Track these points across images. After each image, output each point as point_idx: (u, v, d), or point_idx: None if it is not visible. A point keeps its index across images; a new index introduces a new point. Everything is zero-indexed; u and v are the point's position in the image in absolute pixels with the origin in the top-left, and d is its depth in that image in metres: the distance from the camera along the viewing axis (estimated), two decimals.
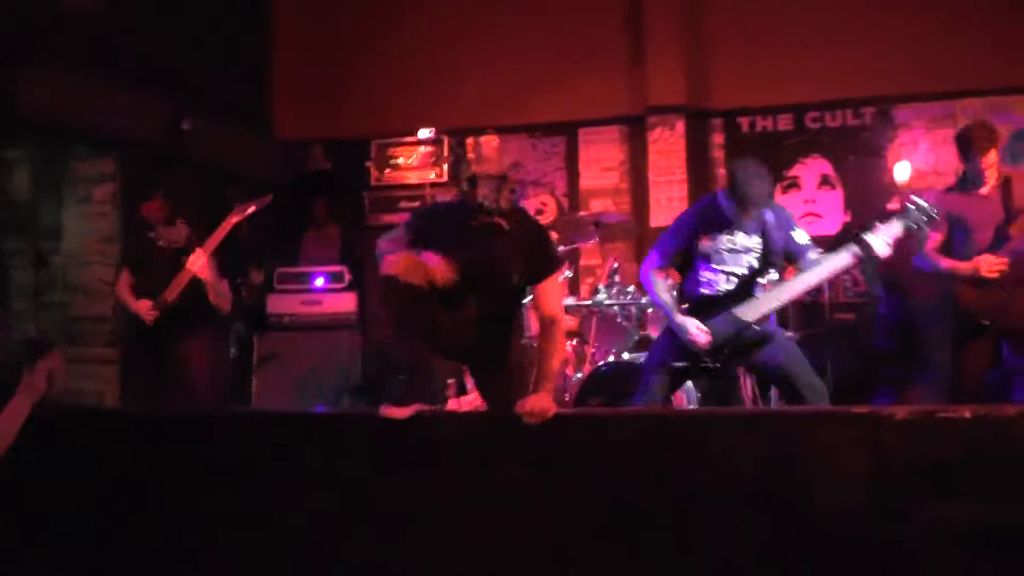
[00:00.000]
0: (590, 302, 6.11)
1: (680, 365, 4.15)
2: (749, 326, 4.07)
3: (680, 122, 7.42)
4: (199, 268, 4.99)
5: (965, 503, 2.89)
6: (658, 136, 7.45)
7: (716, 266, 4.16)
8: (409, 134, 7.48)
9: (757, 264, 4.15)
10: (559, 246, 6.43)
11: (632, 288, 5.90)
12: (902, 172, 7.12)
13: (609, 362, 5.73)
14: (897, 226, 3.88)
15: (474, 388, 4.30)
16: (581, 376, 5.88)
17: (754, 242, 4.14)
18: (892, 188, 7.15)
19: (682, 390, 5.40)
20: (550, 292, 3.60)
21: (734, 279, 4.15)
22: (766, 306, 4.08)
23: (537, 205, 7.99)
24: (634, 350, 5.80)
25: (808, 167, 7.46)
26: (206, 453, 3.66)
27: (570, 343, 6.42)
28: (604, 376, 5.62)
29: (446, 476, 3.35)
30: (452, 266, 3.51)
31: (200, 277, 5.01)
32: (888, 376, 6.08)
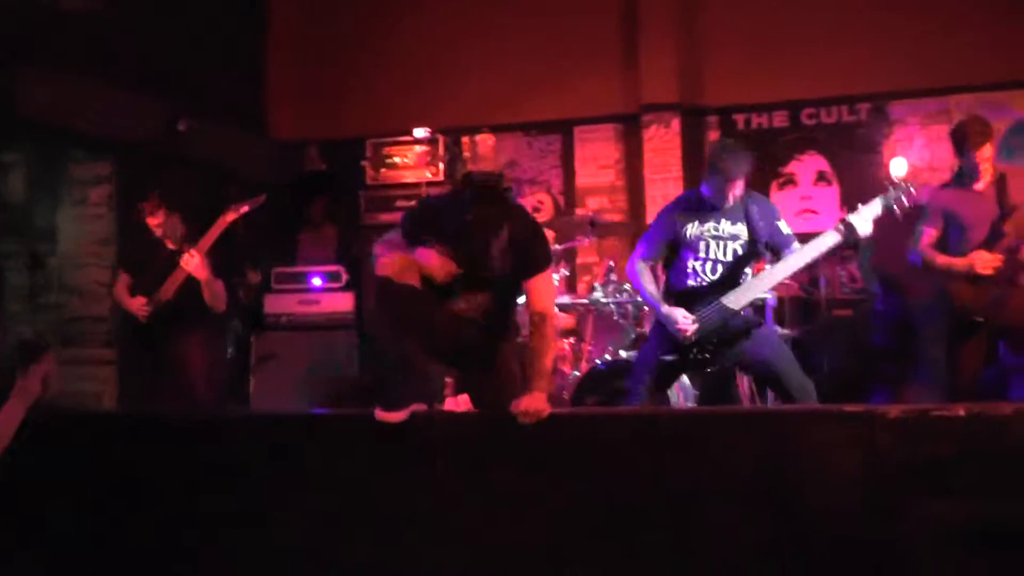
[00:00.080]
0: (587, 300, 6.12)
1: (670, 359, 4.16)
2: (737, 314, 4.09)
3: (675, 119, 7.41)
4: (193, 267, 5.00)
5: (959, 501, 2.90)
6: (653, 134, 7.44)
7: (701, 255, 4.19)
8: (405, 133, 7.48)
9: (742, 251, 4.18)
10: (555, 245, 6.45)
11: (628, 286, 5.91)
12: (898, 168, 7.12)
13: (606, 360, 5.75)
14: (877, 205, 4.04)
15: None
16: (578, 374, 5.89)
17: (739, 229, 4.17)
18: (888, 184, 7.14)
19: (679, 388, 5.42)
20: (541, 288, 3.57)
21: (720, 267, 4.18)
22: (753, 292, 4.13)
23: (533, 203, 7.98)
24: (631, 348, 5.81)
25: (804, 164, 7.46)
26: (204, 454, 3.66)
27: (567, 341, 6.43)
28: (601, 374, 5.64)
29: (442, 477, 3.36)
30: (450, 260, 3.51)
31: (195, 276, 5.02)
32: (885, 374, 6.08)
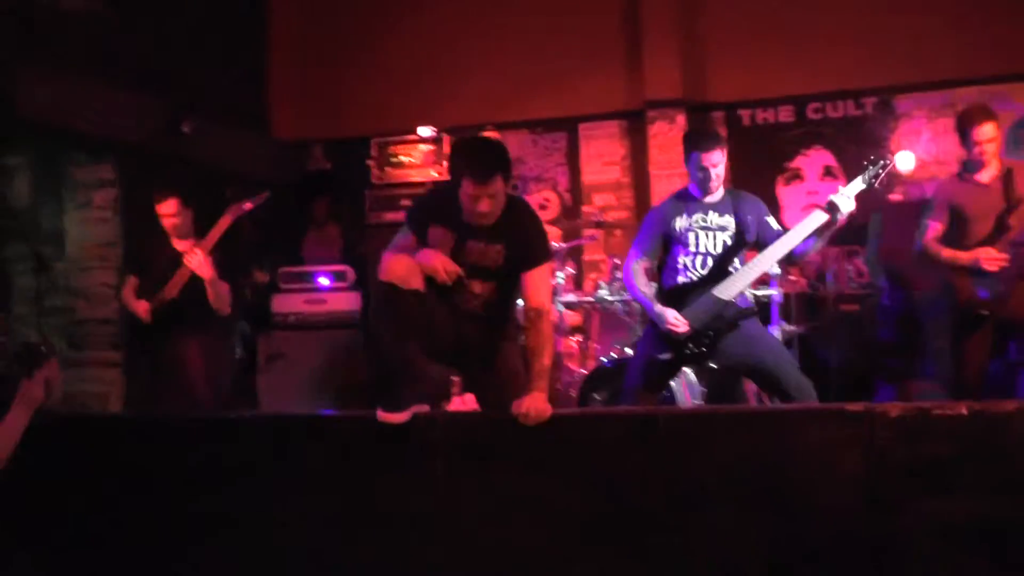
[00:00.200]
0: (592, 298, 6.11)
1: (665, 357, 4.17)
2: (729, 304, 4.11)
3: (680, 116, 7.40)
4: (197, 265, 5.01)
5: (960, 500, 2.89)
6: (658, 130, 7.42)
7: (691, 248, 4.22)
8: (409, 132, 7.48)
9: (731, 242, 4.22)
10: (561, 243, 6.45)
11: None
12: (905, 162, 7.08)
13: (612, 358, 5.75)
14: (858, 182, 4.10)
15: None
16: (585, 372, 5.89)
17: (726, 221, 4.24)
18: (894, 178, 7.12)
19: (685, 385, 5.42)
20: (538, 282, 3.55)
21: (710, 260, 4.21)
22: (743, 281, 4.15)
23: (540, 201, 7.99)
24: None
25: (810, 158, 7.44)
26: (205, 456, 3.65)
27: (574, 339, 6.44)
28: (607, 371, 5.65)
29: (443, 478, 3.35)
30: (453, 258, 3.51)
31: (199, 274, 5.03)
32: (890, 369, 6.06)
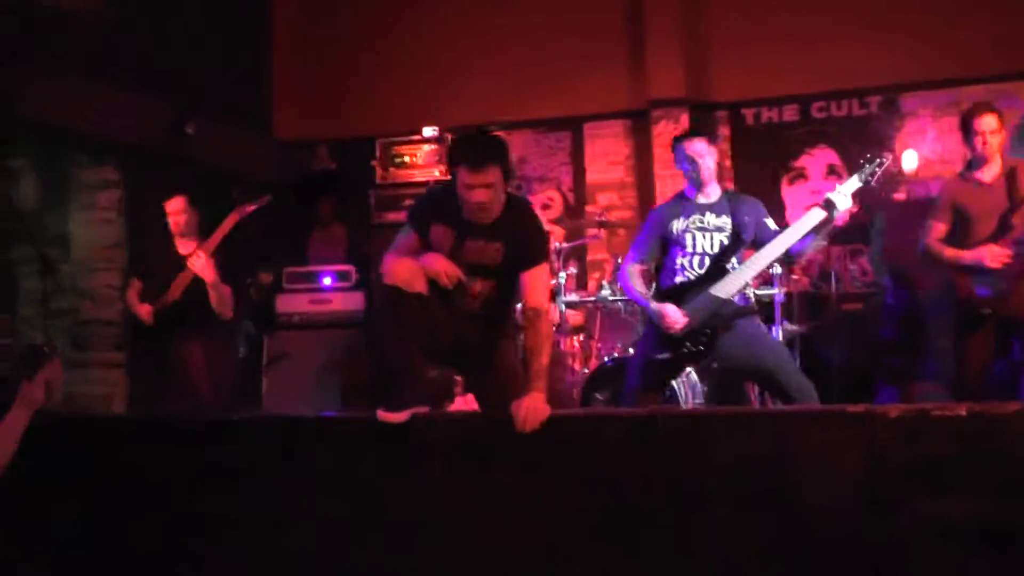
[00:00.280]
0: (594, 298, 6.11)
1: (664, 356, 4.16)
2: (727, 302, 4.10)
3: (684, 115, 7.39)
4: (200, 268, 5.03)
5: (960, 501, 2.87)
6: (662, 129, 7.41)
7: (688, 248, 4.22)
8: (413, 132, 7.49)
9: (728, 242, 4.22)
10: (564, 243, 6.45)
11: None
12: (909, 161, 7.08)
13: (614, 357, 5.75)
14: (854, 180, 4.12)
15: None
16: (587, 371, 5.89)
17: (723, 221, 4.24)
18: (899, 177, 7.11)
19: (687, 385, 5.41)
20: (536, 282, 3.54)
21: (707, 260, 4.21)
22: (741, 279, 4.15)
23: (543, 200, 7.99)
24: None
25: (815, 158, 7.42)
26: (210, 458, 3.66)
27: (576, 339, 6.43)
28: (609, 371, 5.65)
29: (441, 478, 3.35)
30: (452, 256, 3.51)
31: (201, 277, 5.05)
32: (893, 369, 6.05)
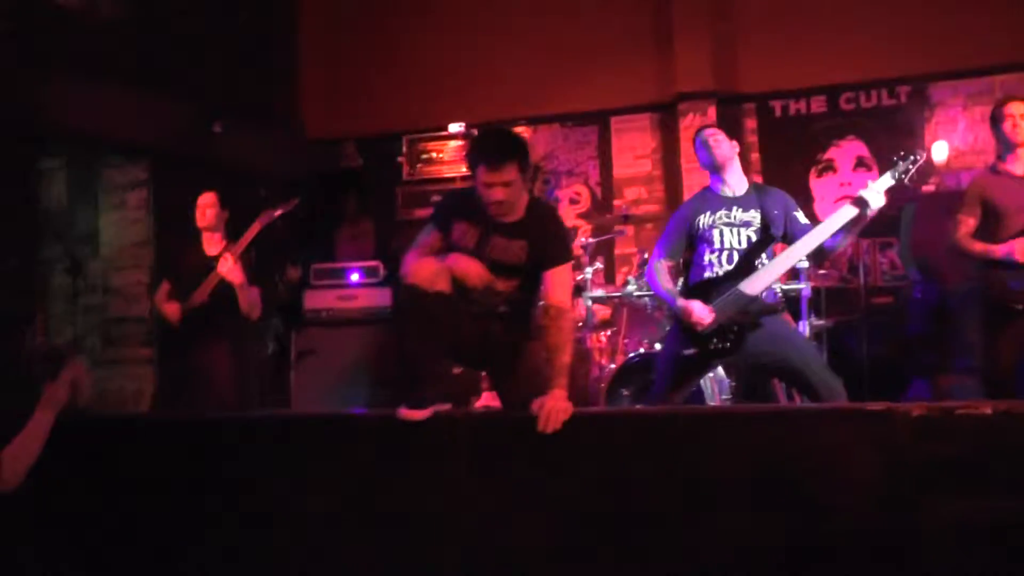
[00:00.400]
0: (620, 294, 6.09)
1: (690, 353, 4.10)
2: (755, 300, 4.03)
3: (711, 108, 7.33)
4: (227, 271, 5.07)
5: (983, 500, 2.83)
6: (690, 123, 7.35)
7: (716, 245, 4.15)
8: (440, 129, 7.51)
9: (756, 237, 4.15)
10: (591, 238, 6.44)
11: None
12: (940, 152, 6.97)
13: (640, 353, 5.72)
14: (887, 178, 4.01)
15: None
16: (614, 367, 5.88)
17: (751, 216, 4.16)
18: (930, 168, 7.01)
19: (714, 380, 5.38)
20: (559, 280, 3.53)
21: (735, 255, 4.13)
22: (769, 277, 4.07)
23: (571, 195, 7.98)
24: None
25: (843, 149, 7.33)
26: (213, 456, 3.65)
27: (604, 334, 6.42)
28: (634, 367, 5.64)
29: (464, 476, 3.34)
30: (476, 252, 3.52)
31: (229, 280, 5.09)
32: (922, 363, 5.98)
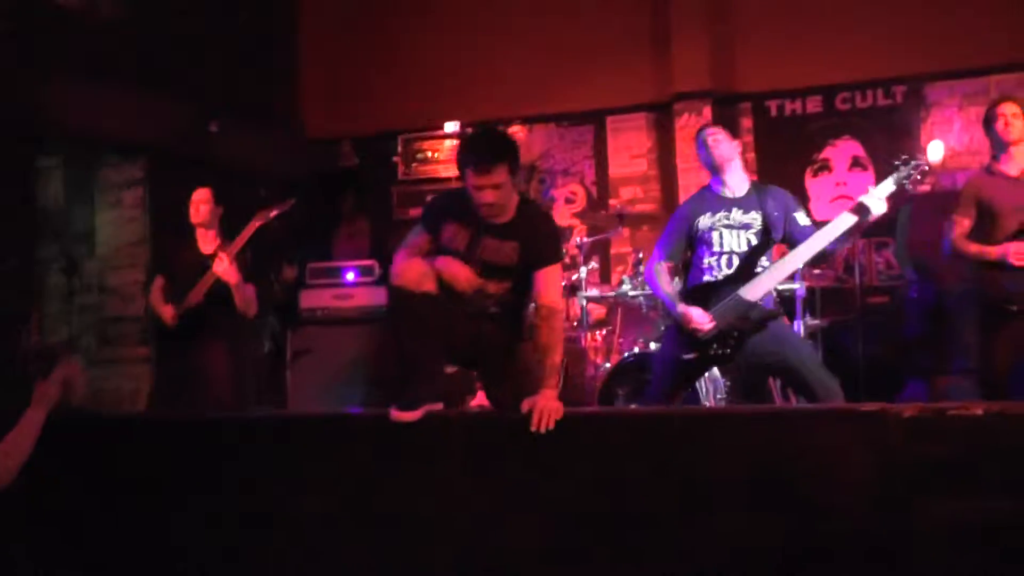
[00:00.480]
0: (615, 293, 6.09)
1: (689, 357, 4.09)
2: (755, 305, 4.01)
3: (707, 107, 7.33)
4: (223, 271, 5.06)
5: (975, 501, 2.84)
6: (685, 122, 7.36)
7: (716, 247, 4.13)
8: (436, 128, 7.50)
9: (756, 240, 4.12)
10: (585, 238, 6.45)
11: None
12: (935, 152, 6.97)
13: (635, 353, 5.73)
14: (889, 184, 3.99)
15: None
16: (609, 366, 5.89)
17: (751, 217, 4.13)
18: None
19: (709, 379, 5.39)
20: (550, 280, 3.54)
21: (735, 259, 4.11)
22: (769, 282, 4.06)
23: (566, 194, 7.98)
24: (660, 340, 5.78)
25: (839, 149, 7.34)
26: (209, 456, 3.65)
27: (599, 333, 6.43)
28: (629, 366, 5.65)
29: (456, 476, 3.35)
30: (468, 254, 3.53)
31: (224, 280, 5.08)
32: (918, 364, 5.99)
